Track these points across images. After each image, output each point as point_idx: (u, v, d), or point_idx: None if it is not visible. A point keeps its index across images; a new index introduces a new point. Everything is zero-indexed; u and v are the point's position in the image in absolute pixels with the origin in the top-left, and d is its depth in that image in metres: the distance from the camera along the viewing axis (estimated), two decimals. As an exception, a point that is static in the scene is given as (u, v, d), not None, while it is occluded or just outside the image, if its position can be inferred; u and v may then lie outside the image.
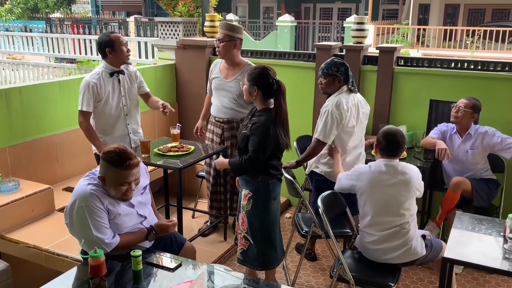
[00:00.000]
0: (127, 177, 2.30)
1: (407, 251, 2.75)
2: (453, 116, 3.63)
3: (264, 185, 2.89)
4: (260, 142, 2.78)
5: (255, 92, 2.83)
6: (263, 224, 2.93)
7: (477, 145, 3.59)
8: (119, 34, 3.54)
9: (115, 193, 2.33)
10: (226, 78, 3.72)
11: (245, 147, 2.86)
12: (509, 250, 2.43)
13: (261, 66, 2.92)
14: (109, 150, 2.32)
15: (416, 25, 17.28)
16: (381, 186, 2.76)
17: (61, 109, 3.99)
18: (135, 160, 2.31)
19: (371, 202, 2.80)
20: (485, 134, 3.58)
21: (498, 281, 3.52)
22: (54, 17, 19.29)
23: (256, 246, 2.95)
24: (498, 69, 3.88)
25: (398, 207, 2.75)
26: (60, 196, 3.73)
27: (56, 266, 3.09)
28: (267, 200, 2.91)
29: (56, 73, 11.19)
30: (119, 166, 2.27)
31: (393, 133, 2.78)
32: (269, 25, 17.60)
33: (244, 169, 2.89)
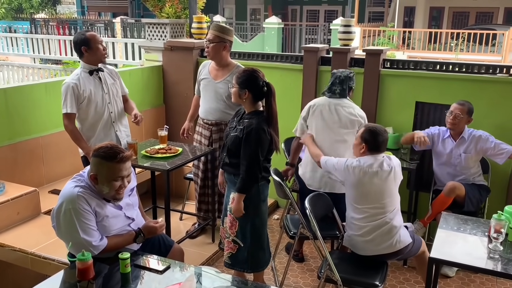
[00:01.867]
0: (120, 171, 2.29)
1: (396, 241, 2.83)
2: (450, 123, 3.63)
3: (254, 188, 2.89)
4: (255, 147, 2.77)
5: (245, 95, 2.82)
6: (253, 227, 2.93)
7: (471, 149, 3.63)
8: (95, 33, 3.51)
9: (108, 190, 2.31)
10: (215, 79, 3.71)
11: (236, 149, 2.84)
12: (493, 249, 2.47)
13: (250, 69, 2.92)
14: (100, 146, 2.33)
15: (402, 27, 17.47)
16: (370, 178, 2.85)
17: (47, 110, 3.95)
18: (127, 153, 2.33)
19: (360, 193, 2.89)
20: (479, 138, 3.62)
21: (483, 280, 3.58)
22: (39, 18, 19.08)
23: (246, 249, 2.94)
24: (482, 71, 3.95)
25: (385, 197, 2.86)
26: (46, 199, 3.69)
27: (43, 270, 3.06)
28: (257, 202, 2.92)
29: (42, 74, 11.08)
30: (113, 159, 2.27)
31: (378, 131, 2.92)
32: (256, 27, 17.62)
33: (251, 181, 2.83)
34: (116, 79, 3.61)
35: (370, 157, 2.90)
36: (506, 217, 2.54)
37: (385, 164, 2.90)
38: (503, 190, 3.92)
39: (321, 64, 4.45)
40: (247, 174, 2.80)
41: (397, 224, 2.87)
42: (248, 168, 2.79)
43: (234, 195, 2.90)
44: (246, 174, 2.80)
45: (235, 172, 2.89)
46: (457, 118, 3.60)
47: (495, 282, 3.55)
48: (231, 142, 2.87)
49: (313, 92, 4.43)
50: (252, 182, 2.83)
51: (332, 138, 3.38)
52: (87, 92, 3.38)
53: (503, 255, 2.44)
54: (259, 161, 2.80)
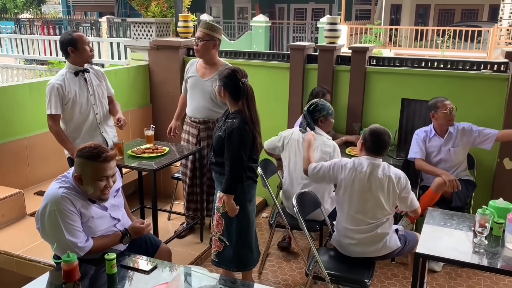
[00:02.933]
0: (105, 171, 2.28)
1: (383, 246, 2.82)
2: (451, 119, 3.63)
3: (240, 187, 2.88)
4: (238, 147, 2.76)
5: (222, 92, 2.84)
6: (239, 226, 2.93)
7: (458, 143, 3.67)
8: (82, 33, 3.47)
9: (93, 190, 2.29)
10: (203, 77, 3.69)
11: (220, 149, 2.85)
12: (478, 244, 2.49)
13: (231, 67, 2.92)
14: (83, 147, 2.31)
15: (388, 25, 17.59)
16: (360, 183, 2.78)
17: (31, 111, 3.90)
18: (111, 152, 2.32)
19: (349, 198, 2.83)
20: (463, 130, 3.67)
21: (470, 274, 3.61)
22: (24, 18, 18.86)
23: (232, 248, 2.95)
24: (466, 68, 3.98)
25: (369, 204, 2.79)
26: (32, 201, 3.65)
27: (28, 272, 3.03)
28: (243, 202, 2.91)
29: (26, 75, 10.96)
30: (97, 159, 2.25)
31: (380, 132, 2.81)
32: (243, 25, 17.61)
33: (235, 182, 2.82)
34: (102, 80, 3.57)
35: (366, 159, 2.82)
36: (491, 212, 2.56)
37: (380, 170, 2.77)
38: (488, 185, 3.96)
39: (308, 62, 4.46)
40: (231, 175, 2.80)
41: (386, 231, 2.82)
42: (232, 168, 2.79)
43: (221, 193, 2.90)
44: (230, 174, 2.80)
45: (221, 171, 2.89)
46: (453, 112, 3.63)
47: (482, 276, 3.59)
48: (215, 142, 2.88)
49: (300, 90, 4.44)
50: (236, 183, 2.83)
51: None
52: (72, 94, 3.34)
53: (488, 249, 2.46)
54: (243, 161, 2.80)
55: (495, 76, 3.86)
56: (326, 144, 3.28)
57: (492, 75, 3.87)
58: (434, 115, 3.70)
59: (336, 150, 3.30)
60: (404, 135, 4.29)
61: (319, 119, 3.35)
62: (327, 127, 3.41)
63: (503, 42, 14.00)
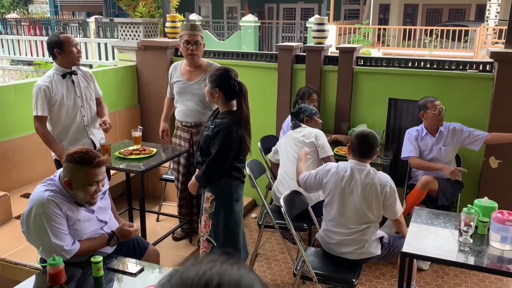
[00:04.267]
0: (96, 176, 2.27)
1: (360, 250, 2.78)
2: (440, 119, 3.68)
3: (227, 187, 2.89)
4: (222, 146, 2.77)
5: (216, 93, 2.82)
6: (226, 226, 2.94)
7: (448, 142, 3.71)
8: (70, 35, 3.43)
9: (83, 195, 2.28)
10: (190, 81, 3.67)
11: (207, 148, 2.86)
12: (464, 242, 2.52)
13: (222, 68, 2.92)
14: (74, 152, 2.29)
15: (377, 24, 17.68)
16: (341, 187, 2.76)
17: (17, 113, 3.86)
18: (103, 157, 2.33)
19: (331, 200, 2.82)
20: (454, 130, 3.71)
21: (457, 272, 3.65)
22: (10, 18, 18.64)
23: (220, 249, 2.95)
24: (453, 67, 4.02)
25: (355, 211, 2.75)
26: (18, 203, 3.62)
27: (14, 276, 3.00)
28: (230, 202, 2.92)
29: (12, 75, 10.84)
30: (89, 164, 2.24)
31: (366, 134, 2.79)
32: (233, 25, 17.58)
33: (209, 177, 2.86)
34: (91, 82, 3.54)
35: (350, 162, 2.79)
36: (476, 211, 2.59)
37: (363, 175, 2.73)
38: (475, 184, 4.00)
39: (296, 63, 4.47)
40: (206, 169, 2.84)
41: (365, 237, 2.76)
42: (209, 164, 2.82)
43: (208, 194, 2.90)
44: (205, 168, 2.84)
45: None
46: (443, 113, 3.68)
47: (468, 274, 3.63)
48: (203, 141, 2.89)
49: (288, 90, 4.45)
50: (207, 178, 2.88)
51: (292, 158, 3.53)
52: (59, 96, 3.31)
53: (473, 248, 2.49)
54: (224, 161, 2.82)
55: (481, 75, 3.90)
56: (309, 134, 3.50)
57: (477, 75, 3.91)
58: (423, 115, 3.73)
59: (318, 136, 3.51)
60: (392, 135, 4.32)
61: (304, 119, 3.62)
62: (313, 125, 3.63)
63: (489, 41, 14.14)
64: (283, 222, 3.10)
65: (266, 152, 4.05)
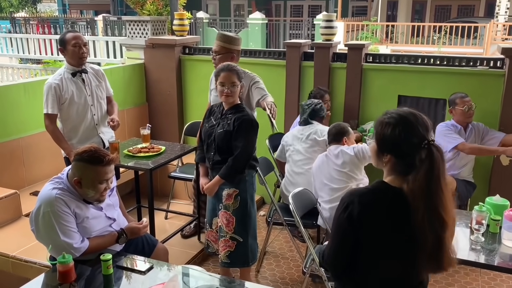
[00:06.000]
0: (106, 174, 2.28)
1: None
2: (469, 116, 3.61)
3: (250, 179, 2.92)
4: (249, 136, 2.82)
5: (242, 88, 2.90)
6: (250, 219, 2.95)
7: (472, 140, 3.68)
8: (77, 34, 3.38)
9: (93, 193, 2.29)
10: None
11: (226, 145, 2.82)
12: (475, 241, 2.49)
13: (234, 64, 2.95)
14: (83, 151, 2.29)
15: (385, 21, 17.58)
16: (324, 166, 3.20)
17: (26, 111, 3.88)
18: (112, 156, 2.34)
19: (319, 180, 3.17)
20: (479, 127, 3.70)
21: (467, 270, 3.61)
22: (19, 17, 18.77)
23: (245, 243, 2.94)
24: (463, 64, 3.98)
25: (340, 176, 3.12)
26: (28, 201, 3.63)
27: (24, 273, 3.01)
28: (252, 193, 2.97)
29: (21, 74, 10.90)
30: (99, 163, 2.25)
31: (334, 125, 3.34)
32: (240, 22, 17.56)
33: (239, 171, 2.85)
34: (102, 80, 3.53)
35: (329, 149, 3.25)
36: (487, 209, 2.56)
37: (333, 150, 3.19)
38: (485, 182, 3.96)
39: (304, 60, 4.44)
40: (236, 164, 2.81)
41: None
42: (238, 158, 2.80)
43: (230, 190, 2.89)
44: (234, 163, 2.81)
45: None
46: (473, 109, 3.62)
47: (479, 272, 3.59)
48: (221, 139, 2.84)
49: (296, 87, 4.43)
50: (237, 173, 2.85)
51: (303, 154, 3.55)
52: (69, 94, 3.31)
53: (485, 246, 2.46)
54: (251, 153, 2.85)
55: (491, 72, 3.85)
56: (320, 131, 3.52)
57: (488, 71, 3.86)
58: (452, 111, 3.69)
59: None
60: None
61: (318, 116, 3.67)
62: (325, 124, 3.69)
63: (499, 37, 14.01)
64: (291, 219, 3.09)
65: (274, 150, 4.03)
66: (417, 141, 1.59)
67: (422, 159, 1.57)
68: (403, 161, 1.62)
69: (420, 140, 1.59)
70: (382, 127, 1.67)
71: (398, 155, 1.64)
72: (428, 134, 1.62)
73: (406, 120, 1.64)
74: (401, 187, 1.62)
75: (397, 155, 1.64)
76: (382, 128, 1.67)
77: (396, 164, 1.64)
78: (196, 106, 4.95)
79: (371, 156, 1.76)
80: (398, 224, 1.60)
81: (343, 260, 1.67)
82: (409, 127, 1.62)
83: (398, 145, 1.63)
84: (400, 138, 1.61)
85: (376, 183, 1.70)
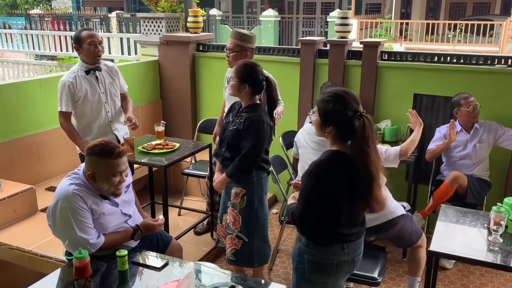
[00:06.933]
0: (119, 166, 2.28)
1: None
2: (475, 116, 3.61)
3: (258, 180, 2.89)
4: (257, 138, 2.77)
5: (245, 89, 2.79)
6: (257, 220, 2.93)
7: (484, 139, 3.66)
8: (92, 32, 3.40)
9: (108, 187, 2.30)
10: None
11: (236, 143, 2.82)
12: (493, 242, 2.46)
13: (250, 63, 2.88)
14: (94, 145, 2.30)
15: (399, 19, 17.40)
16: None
17: (42, 107, 3.91)
18: (123, 147, 2.34)
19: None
20: (491, 126, 3.66)
21: (482, 272, 3.57)
22: (34, 13, 18.95)
23: (251, 244, 2.93)
24: (480, 62, 3.92)
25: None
26: (43, 196, 3.67)
27: (40, 268, 3.04)
28: (261, 195, 2.92)
29: (37, 70, 11.00)
30: (110, 156, 2.25)
31: None
32: (252, 20, 17.54)
33: (245, 171, 2.83)
34: (116, 77, 3.54)
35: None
36: (506, 209, 2.52)
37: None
38: (502, 183, 3.91)
39: (318, 57, 4.42)
40: (241, 164, 2.80)
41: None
42: (244, 158, 2.78)
43: (237, 189, 2.88)
44: (240, 163, 2.79)
45: None
46: (477, 109, 3.60)
47: (495, 274, 3.55)
48: (232, 136, 2.84)
49: (310, 85, 4.40)
50: (242, 173, 2.84)
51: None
52: (83, 91, 3.33)
53: (503, 247, 2.42)
54: (259, 155, 2.80)
55: (509, 71, 3.79)
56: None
57: (506, 70, 3.81)
58: (457, 112, 3.68)
59: None
60: (416, 131, 4.23)
61: None
62: None
63: (516, 36, 13.79)
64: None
65: (288, 147, 4.01)
66: (352, 113, 1.96)
67: (356, 127, 1.95)
68: (342, 130, 2.00)
69: (354, 112, 1.97)
70: (324, 104, 2.03)
71: (338, 126, 2.01)
72: (359, 107, 2.00)
73: (341, 97, 2.01)
74: (346, 152, 2.01)
75: (337, 126, 2.01)
76: (324, 105, 2.03)
77: (337, 134, 2.02)
78: (209, 103, 4.95)
79: (315, 128, 2.12)
80: (348, 179, 1.99)
81: (309, 219, 2.04)
82: (345, 102, 1.99)
83: (337, 117, 2.00)
84: (339, 111, 1.98)
85: (328, 152, 2.06)
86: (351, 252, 2.12)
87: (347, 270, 2.16)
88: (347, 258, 2.11)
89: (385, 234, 2.98)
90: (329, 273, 2.11)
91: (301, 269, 2.15)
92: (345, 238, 2.09)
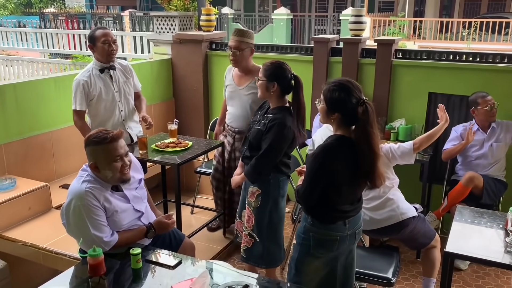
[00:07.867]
0: (116, 150, 2.30)
1: (393, 211, 2.88)
2: (492, 115, 3.57)
3: (275, 182, 2.87)
4: (275, 141, 2.72)
5: (273, 88, 2.75)
6: (271, 222, 2.91)
7: (501, 138, 3.61)
8: (106, 31, 3.40)
9: (111, 173, 2.30)
10: (239, 85, 3.54)
11: (257, 143, 2.80)
12: (510, 243, 2.41)
13: (277, 61, 2.84)
14: (89, 136, 2.35)
15: (412, 17, 17.24)
16: None
17: (56, 105, 3.94)
18: (116, 131, 2.35)
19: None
20: (508, 126, 3.61)
21: (498, 273, 3.52)
22: (48, 12, 19.13)
23: (262, 244, 2.92)
24: (496, 61, 3.86)
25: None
26: (57, 194, 3.70)
27: (54, 265, 3.07)
28: (276, 197, 2.89)
29: (51, 68, 11.11)
30: (105, 141, 2.28)
31: None
32: (264, 18, 17.51)
33: (259, 172, 2.81)
34: (129, 76, 3.56)
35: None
36: (524, 210, 2.48)
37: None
38: (519, 182, 3.84)
39: (332, 55, 4.39)
40: (256, 165, 2.78)
41: (391, 195, 2.93)
42: (260, 159, 2.77)
43: (254, 188, 2.87)
44: (256, 164, 2.78)
45: None
46: (495, 108, 3.56)
47: (511, 275, 3.49)
48: (254, 136, 2.83)
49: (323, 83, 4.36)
50: (257, 175, 2.82)
51: None
52: (97, 90, 3.35)
53: (520, 249, 2.38)
54: (275, 157, 2.78)
55: (527, 69, 3.73)
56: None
57: (523, 68, 3.74)
58: (474, 111, 3.63)
59: None
60: (431, 130, 4.19)
61: None
62: None
63: (532, 33, 13.59)
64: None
65: (300, 146, 4.00)
66: (356, 101, 2.13)
67: (360, 113, 2.11)
68: (347, 116, 2.16)
69: (357, 100, 2.13)
70: (330, 92, 2.19)
71: (344, 113, 2.16)
72: (361, 95, 2.17)
73: (345, 86, 2.18)
74: (350, 136, 2.17)
75: (343, 113, 2.17)
76: (330, 93, 2.18)
77: (342, 120, 2.18)
78: (222, 101, 4.91)
79: (321, 116, 2.26)
80: (351, 161, 2.15)
81: (313, 197, 2.19)
82: (349, 90, 2.16)
83: (343, 105, 2.15)
84: (344, 99, 2.14)
85: (334, 137, 2.22)
86: (351, 226, 2.29)
87: (348, 243, 2.32)
88: (349, 232, 2.27)
89: (397, 235, 2.96)
90: (331, 248, 2.27)
91: (306, 245, 2.29)
92: (346, 214, 2.25)
